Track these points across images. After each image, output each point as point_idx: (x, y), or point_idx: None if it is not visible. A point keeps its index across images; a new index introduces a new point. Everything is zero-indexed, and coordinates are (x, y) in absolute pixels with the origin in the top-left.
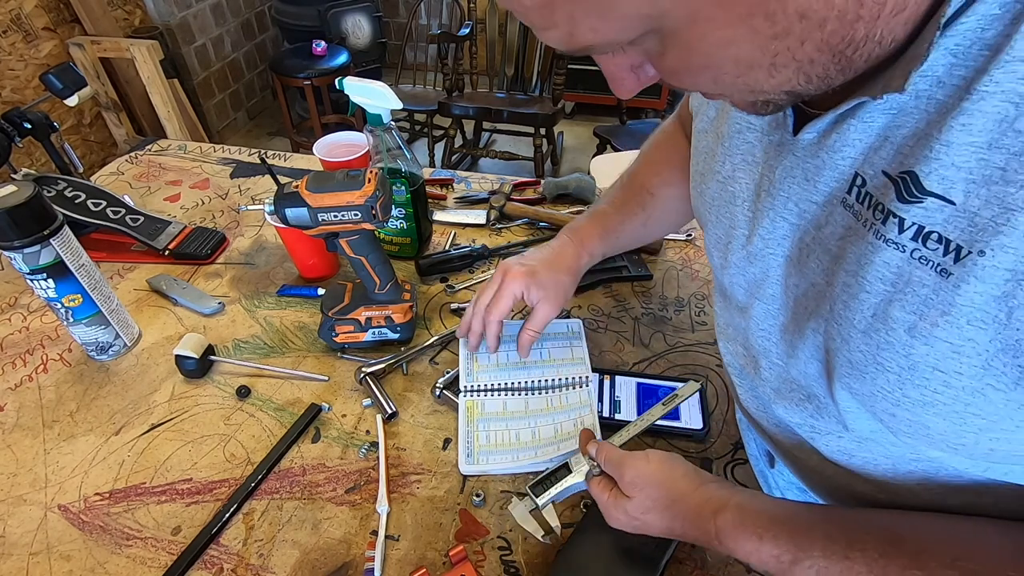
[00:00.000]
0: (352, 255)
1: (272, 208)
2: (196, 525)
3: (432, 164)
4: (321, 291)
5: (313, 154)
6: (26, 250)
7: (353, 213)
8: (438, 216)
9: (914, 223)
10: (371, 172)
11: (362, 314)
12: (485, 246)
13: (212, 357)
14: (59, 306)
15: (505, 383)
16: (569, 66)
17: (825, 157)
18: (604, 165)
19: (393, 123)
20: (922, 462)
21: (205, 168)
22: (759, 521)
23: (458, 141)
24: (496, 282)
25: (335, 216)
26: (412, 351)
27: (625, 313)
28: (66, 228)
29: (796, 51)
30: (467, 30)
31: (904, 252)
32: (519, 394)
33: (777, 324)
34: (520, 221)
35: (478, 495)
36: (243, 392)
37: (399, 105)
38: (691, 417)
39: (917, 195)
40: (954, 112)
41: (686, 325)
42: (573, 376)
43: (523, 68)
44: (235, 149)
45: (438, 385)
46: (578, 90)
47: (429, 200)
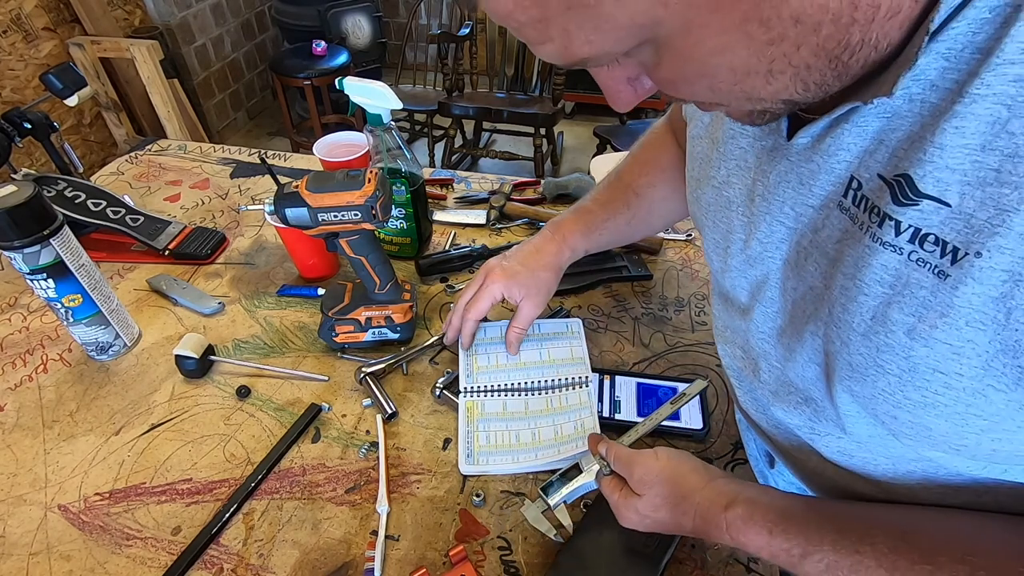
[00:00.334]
0: (352, 255)
1: (272, 208)
2: (196, 525)
3: (432, 164)
4: (321, 291)
5: (313, 154)
6: (26, 250)
7: (353, 213)
8: (438, 216)
9: (910, 225)
10: (371, 172)
11: (362, 314)
12: (485, 246)
13: (212, 357)
14: (59, 306)
15: (505, 384)
16: None
17: (820, 161)
18: (604, 165)
19: (393, 123)
20: (922, 462)
21: (205, 168)
22: (769, 515)
23: (458, 141)
24: (477, 282)
25: (335, 216)
26: (412, 351)
27: (625, 313)
28: (66, 228)
29: (792, 57)
30: (467, 30)
31: (901, 254)
32: (519, 395)
33: (775, 327)
34: (520, 221)
35: (478, 495)
36: (243, 392)
37: (399, 105)
38: (691, 417)
39: (912, 198)
40: (947, 115)
41: (686, 325)
42: (573, 376)
43: (523, 68)
44: (235, 149)
45: (438, 385)
46: (578, 90)
47: (429, 200)
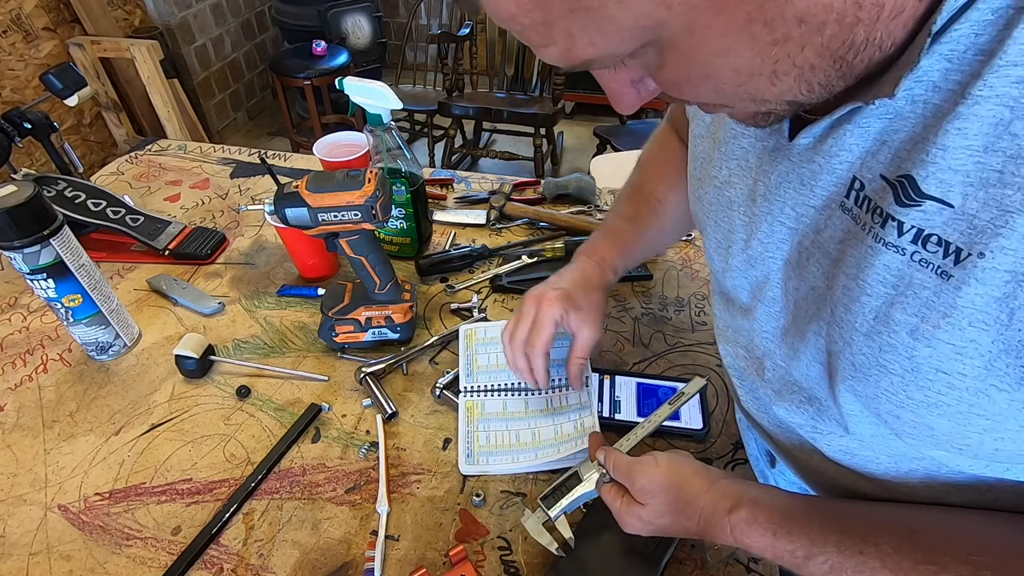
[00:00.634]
0: (352, 255)
1: (272, 208)
2: (196, 525)
3: (432, 164)
4: (321, 291)
5: (313, 154)
6: (26, 250)
7: (353, 213)
8: (438, 216)
9: (913, 226)
10: (371, 172)
11: (362, 314)
12: (485, 246)
13: (212, 357)
14: (59, 306)
15: (505, 383)
16: None
17: (821, 162)
18: (604, 165)
19: (393, 123)
20: (924, 460)
21: (205, 168)
22: (772, 517)
23: (458, 141)
24: (530, 313)
25: (335, 216)
26: (412, 351)
27: (625, 313)
28: (66, 228)
29: (796, 57)
30: (467, 30)
31: (904, 255)
32: (519, 394)
33: (778, 327)
34: (520, 221)
35: (478, 495)
36: (243, 392)
37: (399, 105)
38: (691, 417)
39: (915, 198)
40: (950, 116)
41: (686, 325)
42: None
43: (523, 68)
44: (235, 149)
45: (438, 385)
46: (578, 90)
47: (429, 200)
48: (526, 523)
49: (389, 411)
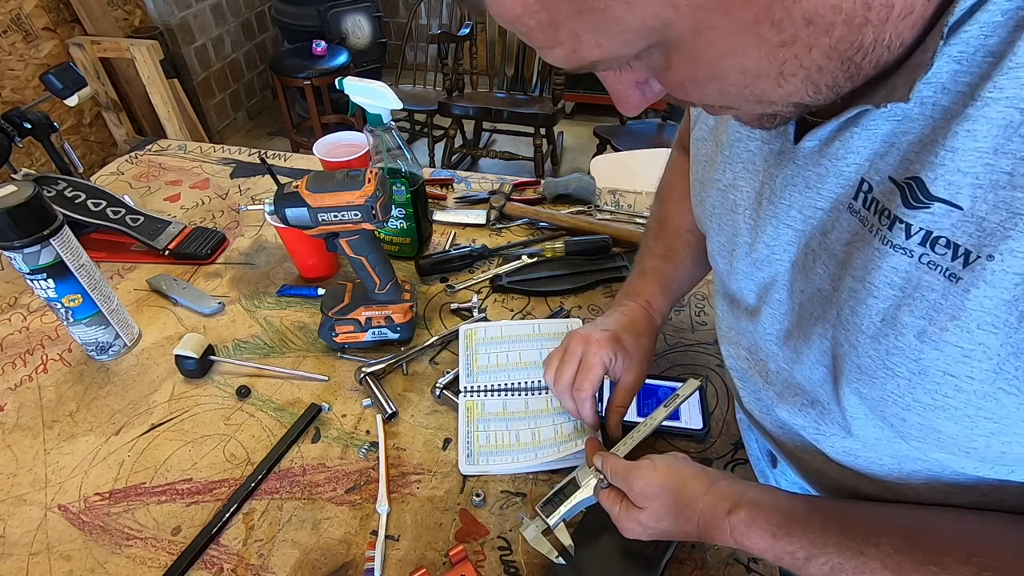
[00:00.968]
0: (352, 255)
1: (272, 208)
2: (196, 525)
3: (432, 164)
4: (321, 291)
5: (313, 154)
6: (26, 250)
7: (353, 213)
8: (438, 216)
9: (921, 228)
10: (371, 172)
11: (362, 314)
12: (485, 246)
13: (212, 357)
14: (59, 306)
15: (505, 383)
16: None
17: (828, 164)
18: (604, 165)
19: (393, 123)
20: (928, 462)
21: (205, 168)
22: (772, 518)
23: (458, 141)
24: (576, 353)
25: (335, 216)
26: (412, 351)
27: None
28: (66, 228)
29: (804, 58)
30: (467, 30)
31: (912, 257)
32: (519, 394)
33: (782, 329)
34: (520, 221)
35: (478, 495)
36: (243, 392)
37: (399, 105)
38: (691, 417)
39: (924, 200)
40: (959, 118)
41: (686, 325)
42: None
43: (523, 68)
44: (235, 149)
45: (438, 385)
46: (578, 90)
47: (429, 200)
48: (525, 532)
49: (389, 411)
